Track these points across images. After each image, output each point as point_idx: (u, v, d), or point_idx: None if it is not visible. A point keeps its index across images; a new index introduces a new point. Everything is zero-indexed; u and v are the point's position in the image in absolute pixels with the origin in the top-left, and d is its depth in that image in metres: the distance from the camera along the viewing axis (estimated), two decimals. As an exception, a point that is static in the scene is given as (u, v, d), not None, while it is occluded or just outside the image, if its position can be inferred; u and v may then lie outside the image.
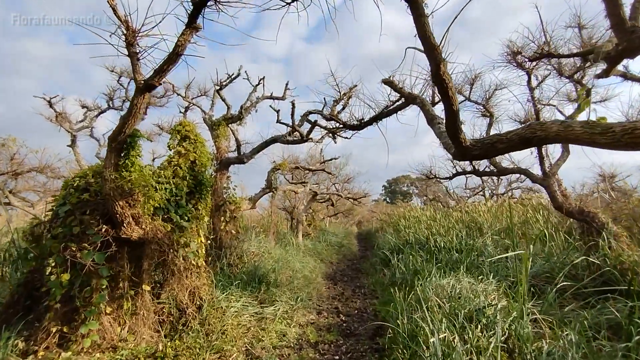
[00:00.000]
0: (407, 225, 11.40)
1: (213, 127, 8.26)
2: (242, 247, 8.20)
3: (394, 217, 16.60)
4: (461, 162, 7.56)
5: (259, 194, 9.51)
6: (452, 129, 2.92)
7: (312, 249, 13.32)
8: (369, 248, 19.91)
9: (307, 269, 9.18)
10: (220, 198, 8.01)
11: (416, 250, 8.42)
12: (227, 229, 7.95)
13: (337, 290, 8.08)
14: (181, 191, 4.82)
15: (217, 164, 8.11)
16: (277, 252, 9.77)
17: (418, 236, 9.98)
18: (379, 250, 12.04)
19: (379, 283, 8.49)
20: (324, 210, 20.77)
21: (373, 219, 29.51)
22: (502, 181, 17.38)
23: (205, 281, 5.31)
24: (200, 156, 5.27)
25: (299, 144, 7.27)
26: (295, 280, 7.56)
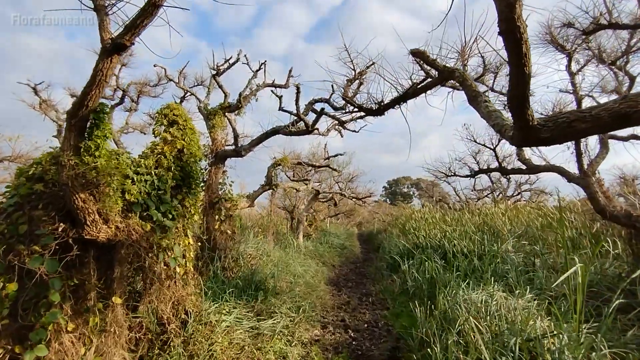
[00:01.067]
0: (417, 227, 10.64)
1: (209, 116, 7.50)
2: (239, 249, 7.44)
3: (400, 219, 15.83)
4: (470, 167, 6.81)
5: (257, 191, 8.75)
6: (519, 102, 2.17)
7: (313, 250, 12.56)
8: (371, 250, 19.16)
9: (309, 274, 8.43)
10: (214, 194, 7.25)
11: (431, 255, 7.65)
12: (222, 228, 7.19)
13: (342, 299, 7.32)
14: (165, 184, 4.06)
15: (213, 157, 7.35)
16: (277, 254, 9.02)
17: (430, 239, 9.21)
18: (385, 253, 11.29)
19: (387, 291, 7.73)
20: (325, 210, 20.02)
21: (375, 220, 28.75)
22: (511, 182, 16.64)
23: (192, 290, 4.55)
24: (190, 144, 4.51)
25: (303, 135, 6.52)
26: (296, 287, 6.80)
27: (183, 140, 4.45)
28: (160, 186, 4.01)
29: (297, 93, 5.42)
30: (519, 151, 5.93)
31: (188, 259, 4.54)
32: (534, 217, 8.59)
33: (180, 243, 4.28)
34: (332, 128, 7.82)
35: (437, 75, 3.33)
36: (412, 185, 63.47)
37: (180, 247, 4.26)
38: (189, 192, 4.46)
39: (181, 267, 4.11)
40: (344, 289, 8.40)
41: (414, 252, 8.83)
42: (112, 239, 3.24)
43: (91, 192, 2.95)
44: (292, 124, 6.44)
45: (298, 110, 5.57)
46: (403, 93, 3.60)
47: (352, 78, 4.04)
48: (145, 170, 3.93)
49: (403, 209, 30.26)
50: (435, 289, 6.07)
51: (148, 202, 3.81)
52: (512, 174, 6.09)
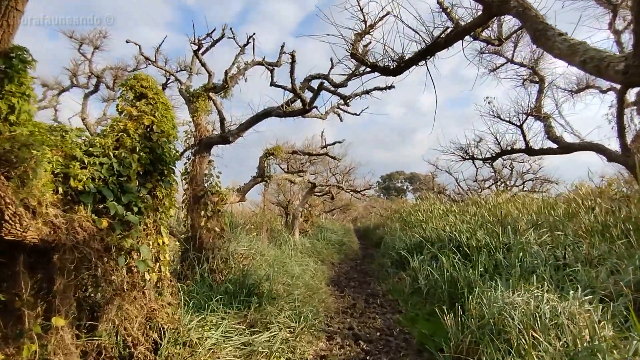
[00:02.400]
0: (423, 219, 9.85)
1: (191, 99, 6.61)
2: (228, 248, 6.59)
3: (400, 212, 15.06)
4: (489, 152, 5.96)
5: (248, 183, 7.89)
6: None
7: (310, 248, 11.74)
8: (369, 246, 18.40)
9: (307, 274, 7.60)
10: (199, 187, 6.38)
11: (444, 249, 6.87)
12: (209, 225, 6.33)
13: (347, 301, 6.50)
14: (128, 169, 3.19)
15: (196, 144, 6.47)
16: (272, 253, 8.18)
17: (439, 232, 8.44)
18: (389, 249, 10.51)
19: (396, 291, 6.94)
20: (321, 205, 19.19)
21: (371, 214, 28.01)
22: (513, 172, 15.96)
23: (170, 300, 3.70)
24: (162, 122, 3.64)
25: (299, 115, 5.67)
26: (295, 290, 5.97)
27: (153, 116, 3.57)
28: (122, 171, 3.14)
29: (291, 63, 4.56)
30: (548, 129, 5.16)
31: (163, 262, 3.69)
32: (550, 205, 7.85)
33: (151, 243, 3.42)
34: (331, 110, 6.98)
35: (482, 12, 2.51)
36: (405, 180, 63.03)
37: (152, 247, 3.40)
38: (162, 179, 3.60)
39: (152, 273, 3.25)
40: (347, 290, 7.59)
41: (423, 247, 8.05)
42: (47, 239, 2.38)
43: (7, 174, 2.08)
44: (287, 103, 5.59)
45: (293, 84, 4.73)
46: (432, 43, 2.77)
47: (362, 31, 3.21)
48: (100, 150, 3.05)
49: (405, 202, 29.57)
50: (455, 289, 5.29)
51: (104, 192, 2.94)
52: (541, 154, 5.33)
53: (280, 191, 15.01)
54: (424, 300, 5.95)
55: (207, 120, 6.65)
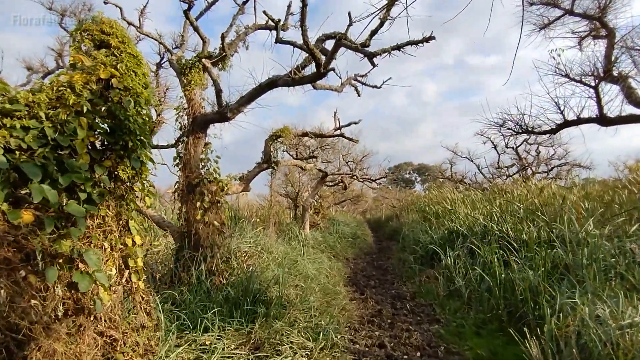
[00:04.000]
0: (451, 209, 8.76)
1: (183, 70, 5.60)
2: (230, 245, 5.62)
3: (418, 202, 13.98)
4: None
5: (253, 170, 6.89)
6: None
7: (322, 242, 10.76)
8: (383, 239, 17.38)
9: (322, 273, 6.61)
10: (194, 174, 5.39)
11: (485, 243, 5.83)
12: (207, 219, 5.35)
13: (371, 306, 5.50)
14: (71, 138, 2.19)
15: (190, 123, 5.47)
16: (281, 249, 7.21)
17: (471, 224, 7.38)
18: (410, 243, 9.47)
19: (428, 293, 5.92)
20: (331, 197, 18.17)
21: (382, 206, 26.96)
22: (539, 156, 14.77)
23: (144, 321, 2.72)
24: (127, 77, 2.62)
25: (311, 82, 4.63)
26: (310, 295, 4.98)
27: (115, 70, 2.55)
28: (62, 141, 2.14)
29: (302, 7, 3.51)
30: (629, 91, 4.06)
31: (136, 268, 2.70)
32: (607, 190, 6.72)
33: (111, 245, 2.43)
34: (348, 83, 5.92)
35: None
36: (414, 171, 61.90)
37: (112, 251, 2.41)
38: (128, 155, 2.59)
39: (106, 294, 2.25)
40: (368, 291, 6.59)
41: (453, 241, 7.01)
42: None
43: None
44: (296, 69, 4.55)
45: (305, 36, 3.67)
46: None
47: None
48: (24, 109, 2.05)
49: (414, 192, 28.42)
50: (512, 294, 4.25)
51: (26, 168, 1.94)
52: (619, 123, 4.22)
53: (288, 182, 14.03)
54: (465, 306, 4.93)
55: (202, 96, 5.64)
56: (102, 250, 2.30)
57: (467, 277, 5.59)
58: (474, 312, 4.64)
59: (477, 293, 4.93)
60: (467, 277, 5.64)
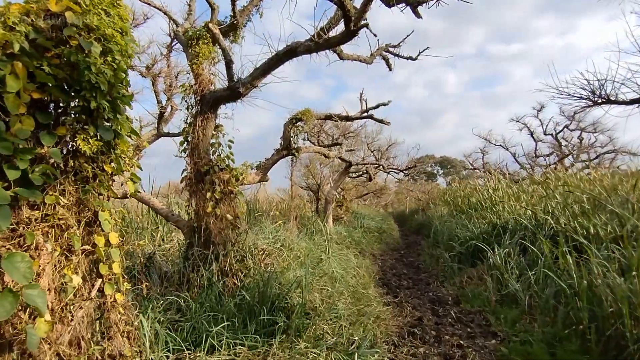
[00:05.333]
0: (493, 201, 7.79)
1: (190, 42, 4.91)
2: (245, 242, 4.92)
3: (449, 194, 13.00)
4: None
5: (271, 158, 6.17)
6: None
7: (347, 237, 9.99)
8: (409, 233, 16.48)
9: (349, 273, 5.85)
10: (203, 161, 4.71)
11: (542, 238, 4.93)
12: (218, 212, 4.67)
13: (408, 313, 4.70)
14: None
15: (197, 102, 4.78)
16: (302, 245, 6.48)
17: (518, 218, 6.45)
18: (443, 237, 8.59)
19: (475, 298, 5.07)
20: (353, 189, 17.33)
21: (407, 198, 25.93)
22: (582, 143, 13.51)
23: (122, 346, 2.02)
24: (94, 15, 1.89)
25: (339, 45, 3.84)
26: (338, 300, 4.22)
27: (74, 3, 1.83)
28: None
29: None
30: None
31: (112, 276, 2.00)
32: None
33: (61, 247, 1.73)
34: (378, 53, 5.09)
35: None
36: (436, 164, 60.34)
37: (53, 257, 1.71)
38: (93, 122, 1.88)
39: (43, 321, 1.54)
40: (401, 293, 5.79)
41: (499, 236, 6.12)
42: None
43: None
44: (320, 31, 3.78)
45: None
46: None
47: None
48: None
49: (437, 185, 27.25)
50: (599, 307, 3.36)
51: None
52: None
53: (309, 173, 13.30)
54: (527, 316, 4.06)
55: (211, 71, 4.93)
56: (47, 254, 1.61)
57: (522, 280, 4.73)
58: (539, 325, 3.78)
59: (540, 300, 4.06)
60: (521, 279, 4.78)
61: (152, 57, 6.56)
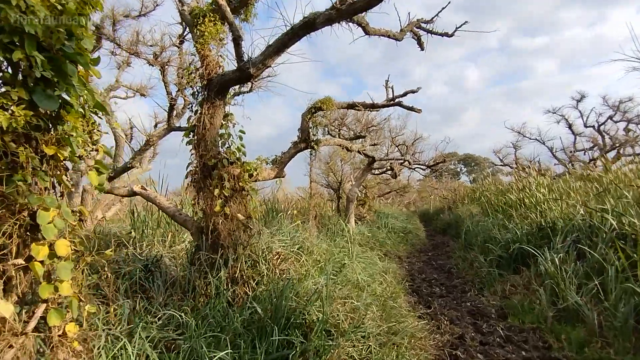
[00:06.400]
0: (538, 199, 6.95)
1: (195, 21, 4.38)
2: (258, 245, 4.36)
3: (481, 192, 12.13)
4: None
5: (288, 152, 5.60)
6: None
7: (370, 238, 9.35)
8: (435, 233, 15.63)
9: (376, 280, 5.22)
10: (210, 153, 4.17)
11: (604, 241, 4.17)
12: (228, 211, 4.13)
13: (446, 329, 4.03)
14: None
15: (204, 87, 4.24)
16: (323, 247, 5.88)
17: (567, 218, 5.65)
18: (476, 238, 7.83)
19: (525, 311, 4.34)
20: (375, 187, 16.59)
21: (431, 197, 24.95)
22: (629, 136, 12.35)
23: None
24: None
25: (365, 11, 3.24)
26: (365, 316, 3.59)
27: None
28: None
29: None
30: None
31: (60, 299, 1.44)
32: None
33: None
34: (409, 29, 4.44)
35: None
36: (459, 162, 58.77)
37: None
38: (22, 83, 1.32)
39: None
40: (435, 303, 5.12)
41: (550, 238, 5.35)
42: None
43: None
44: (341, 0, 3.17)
45: None
46: None
47: None
48: None
49: (462, 184, 26.12)
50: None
51: None
52: None
53: (330, 170, 12.70)
54: (597, 337, 3.33)
55: (219, 53, 4.39)
56: None
57: (584, 292, 3.98)
58: (617, 351, 3.04)
59: (615, 319, 3.31)
60: (582, 291, 4.03)
61: (160, 44, 6.10)
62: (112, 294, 3.78)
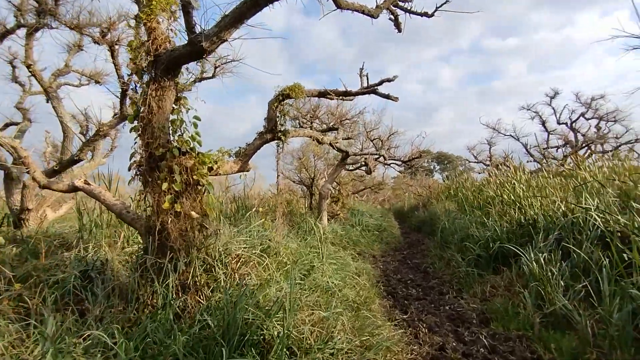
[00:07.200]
0: (517, 195, 6.70)
1: (141, -11, 3.78)
2: (215, 246, 3.83)
3: (457, 189, 11.96)
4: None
5: (253, 143, 5.08)
6: None
7: (344, 236, 8.95)
8: (409, 231, 15.43)
9: (347, 282, 4.79)
10: (159, 141, 3.60)
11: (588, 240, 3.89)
12: (179, 209, 3.58)
13: (425, 338, 3.64)
14: None
15: (151, 64, 3.66)
16: (292, 247, 5.41)
17: (548, 215, 5.41)
18: (452, 236, 7.55)
19: (509, 316, 4.00)
20: (350, 184, 16.22)
21: (405, 194, 24.91)
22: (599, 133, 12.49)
23: None
24: None
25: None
26: (335, 327, 3.13)
27: None
28: None
29: None
30: None
31: None
32: None
33: None
34: (386, 6, 4.00)
35: None
36: (432, 160, 59.64)
37: None
38: None
39: None
40: (412, 306, 4.75)
41: (531, 236, 5.07)
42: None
43: None
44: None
45: None
46: None
47: None
48: None
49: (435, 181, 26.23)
50: None
51: None
52: None
53: (302, 166, 12.22)
54: (591, 347, 3.00)
55: (169, 26, 3.81)
56: None
57: (571, 295, 3.67)
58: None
59: (610, 327, 2.99)
60: (569, 293, 3.72)
61: (107, 19, 5.37)
62: (36, 307, 3.18)
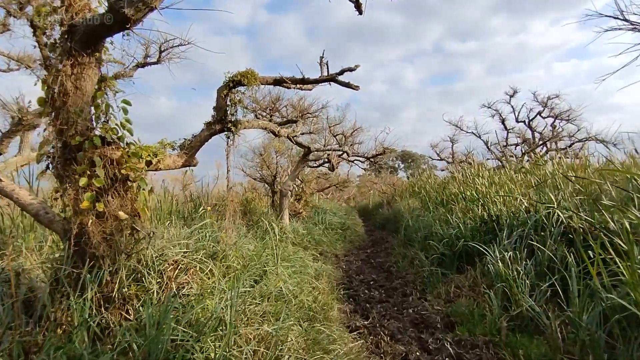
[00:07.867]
0: (479, 191, 6.55)
1: (55, -52, 3.17)
2: (147, 252, 3.30)
3: (420, 186, 11.86)
4: None
5: (200, 134, 4.55)
6: None
7: (305, 235, 8.55)
8: (374, 228, 15.30)
9: (304, 287, 4.38)
10: (75, 129, 3.03)
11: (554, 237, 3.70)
12: (102, 209, 3.04)
13: (387, 347, 3.30)
14: None
15: (65, 36, 3.07)
16: (250, 248, 4.94)
17: (512, 212, 5.25)
18: (416, 234, 7.35)
19: (475, 320, 3.75)
20: (314, 182, 15.86)
21: (370, 192, 24.89)
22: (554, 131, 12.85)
23: None
24: None
25: None
26: (285, 343, 2.71)
27: None
28: None
29: None
30: None
31: None
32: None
33: None
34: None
35: None
36: (397, 158, 60.55)
37: None
38: None
39: None
40: (374, 311, 4.43)
41: (495, 233, 4.88)
42: None
43: None
44: None
45: None
46: None
47: None
48: None
49: (398, 179, 26.48)
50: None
51: None
52: None
53: (264, 163, 11.71)
54: (562, 354, 2.76)
55: (91, -7, 3.23)
56: None
57: (538, 295, 3.47)
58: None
59: (581, 330, 2.76)
60: (536, 294, 3.51)
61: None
62: None
